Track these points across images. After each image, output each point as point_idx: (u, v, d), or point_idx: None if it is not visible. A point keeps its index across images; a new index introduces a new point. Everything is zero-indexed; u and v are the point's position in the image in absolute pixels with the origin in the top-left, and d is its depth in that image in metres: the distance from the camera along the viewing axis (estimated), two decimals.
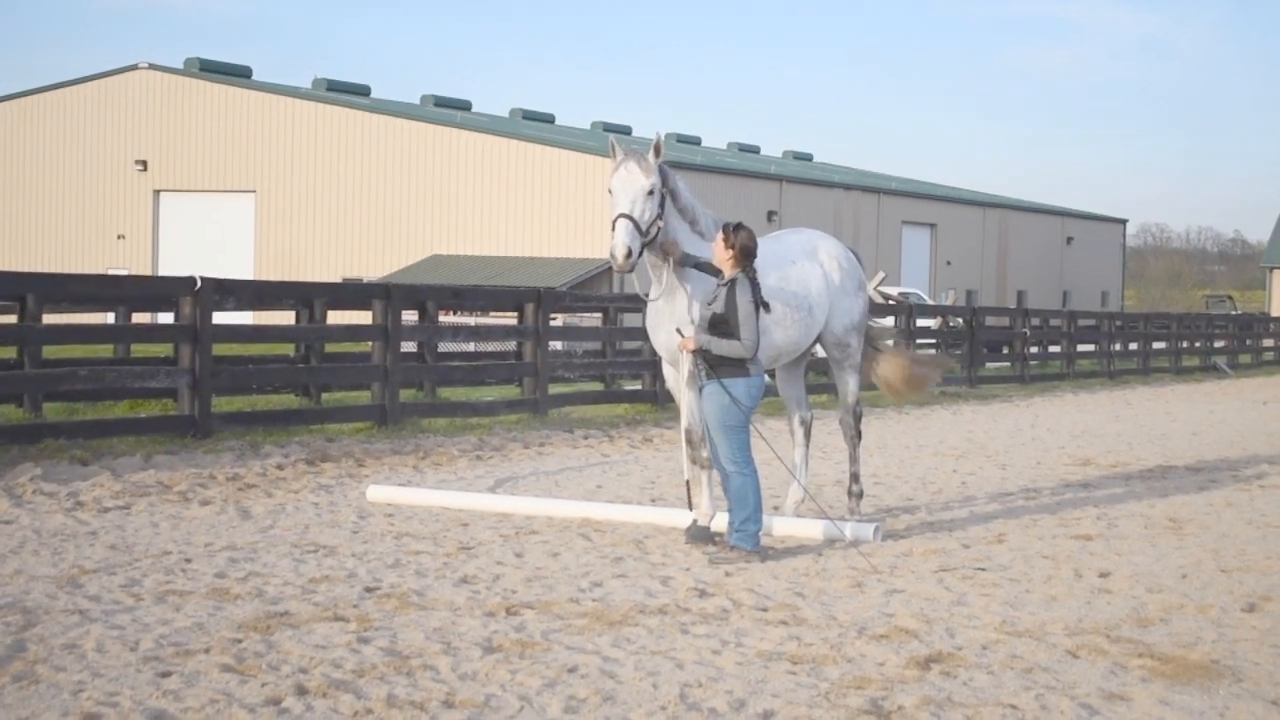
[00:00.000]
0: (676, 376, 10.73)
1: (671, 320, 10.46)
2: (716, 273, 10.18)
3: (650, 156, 10.27)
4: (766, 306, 10.09)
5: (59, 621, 7.72)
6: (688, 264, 10.37)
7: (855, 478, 11.86)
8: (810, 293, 11.25)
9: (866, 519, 11.52)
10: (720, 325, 9.93)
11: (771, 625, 8.06)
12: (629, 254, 10.01)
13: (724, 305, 9.95)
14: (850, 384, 11.91)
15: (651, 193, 10.18)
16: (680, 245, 10.45)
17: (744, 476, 9.93)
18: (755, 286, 9.97)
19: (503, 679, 6.84)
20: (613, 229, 10.12)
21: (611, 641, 7.60)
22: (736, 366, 9.92)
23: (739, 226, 10.09)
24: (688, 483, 10.79)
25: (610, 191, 10.26)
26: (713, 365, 9.94)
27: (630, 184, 10.18)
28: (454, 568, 9.51)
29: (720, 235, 10.05)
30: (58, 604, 8.13)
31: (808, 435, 11.90)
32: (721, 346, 9.93)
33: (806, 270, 11.30)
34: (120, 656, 7.05)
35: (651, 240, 10.25)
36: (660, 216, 10.26)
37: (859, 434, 12.02)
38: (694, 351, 10.00)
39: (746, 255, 10.01)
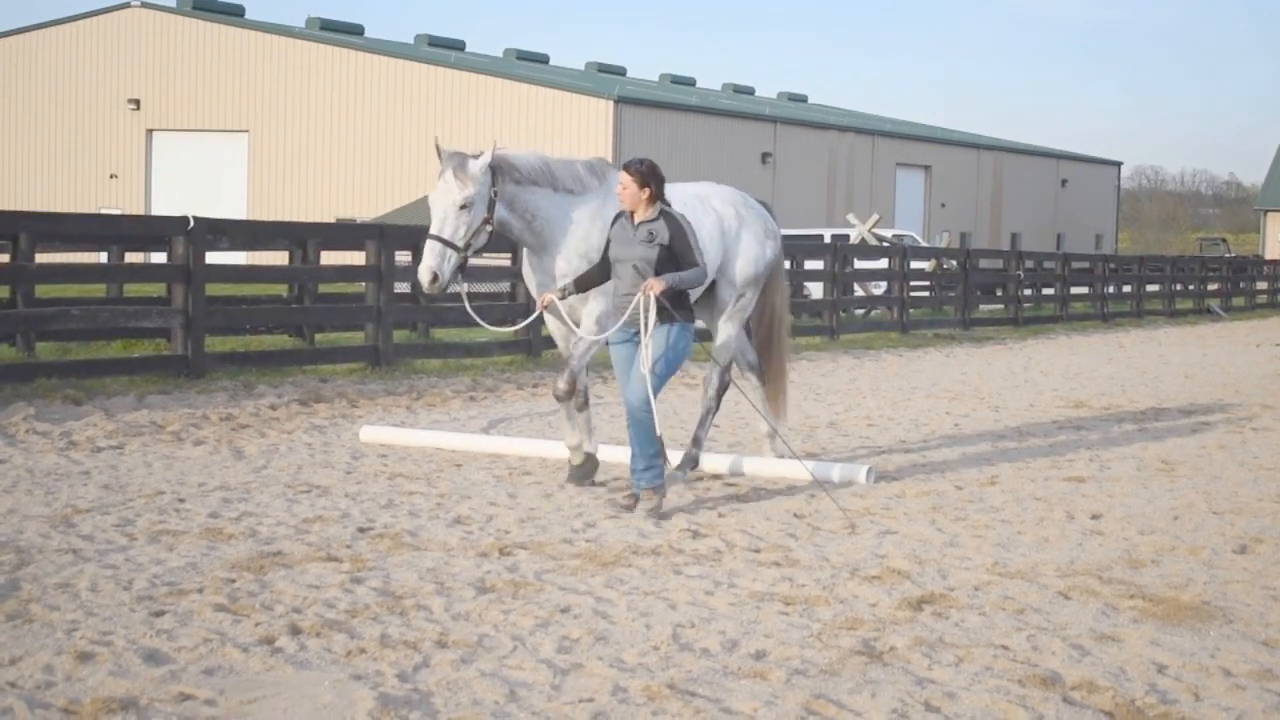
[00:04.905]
0: (559, 326, 10.34)
1: (540, 269, 10.20)
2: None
3: (470, 164, 9.59)
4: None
5: (52, 561, 7.72)
6: (571, 293, 9.82)
7: (697, 441, 11.07)
8: (700, 238, 10.29)
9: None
10: (665, 260, 9.37)
11: (764, 566, 8.07)
12: (434, 279, 9.53)
13: (669, 236, 9.38)
14: (727, 335, 10.95)
15: (465, 206, 9.55)
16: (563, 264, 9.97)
17: (651, 415, 9.38)
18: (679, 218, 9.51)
19: (496, 619, 6.85)
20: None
21: (604, 582, 7.61)
22: (687, 310, 9.54)
23: (637, 162, 9.50)
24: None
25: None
26: (662, 310, 9.31)
27: (441, 199, 9.59)
28: (447, 508, 9.51)
29: (625, 176, 9.40)
30: (51, 543, 8.14)
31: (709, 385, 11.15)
32: (685, 280, 9.40)
33: (698, 217, 10.45)
34: (114, 596, 7.05)
35: (472, 251, 9.76)
36: (489, 220, 9.71)
37: (717, 406, 11.15)
38: (660, 293, 9.27)
39: (657, 179, 9.40)
